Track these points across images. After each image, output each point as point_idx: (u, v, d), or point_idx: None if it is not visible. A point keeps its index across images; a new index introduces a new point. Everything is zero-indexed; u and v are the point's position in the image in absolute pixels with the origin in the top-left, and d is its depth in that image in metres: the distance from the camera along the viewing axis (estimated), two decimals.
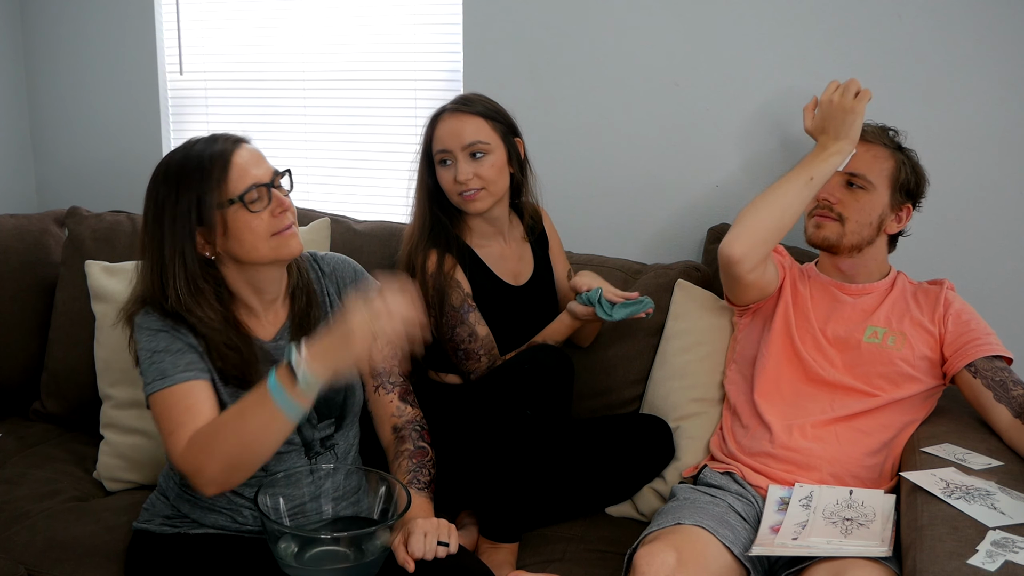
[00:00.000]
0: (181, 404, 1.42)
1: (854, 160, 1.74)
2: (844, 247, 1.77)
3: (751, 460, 1.73)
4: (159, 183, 1.46)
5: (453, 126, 1.85)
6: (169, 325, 1.45)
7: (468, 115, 1.85)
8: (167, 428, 1.42)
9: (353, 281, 1.64)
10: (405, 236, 1.94)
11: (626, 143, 2.25)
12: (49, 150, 2.81)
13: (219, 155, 1.45)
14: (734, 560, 1.51)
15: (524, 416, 1.68)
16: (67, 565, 1.67)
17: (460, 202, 1.87)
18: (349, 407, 1.60)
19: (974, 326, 1.72)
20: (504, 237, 1.97)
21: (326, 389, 1.54)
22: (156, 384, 1.43)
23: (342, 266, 1.66)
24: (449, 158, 1.85)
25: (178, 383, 1.43)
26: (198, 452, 1.37)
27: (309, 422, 1.55)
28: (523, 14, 2.27)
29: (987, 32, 1.97)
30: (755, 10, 2.11)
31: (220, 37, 2.61)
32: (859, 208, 1.75)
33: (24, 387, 2.30)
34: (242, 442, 1.36)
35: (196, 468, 1.38)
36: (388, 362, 1.65)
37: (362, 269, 1.68)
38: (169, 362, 1.44)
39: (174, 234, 1.43)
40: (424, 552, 1.40)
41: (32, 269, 2.30)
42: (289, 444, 1.53)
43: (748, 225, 1.70)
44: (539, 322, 1.94)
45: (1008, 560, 1.24)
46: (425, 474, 1.57)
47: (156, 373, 1.44)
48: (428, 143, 1.89)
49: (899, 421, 1.71)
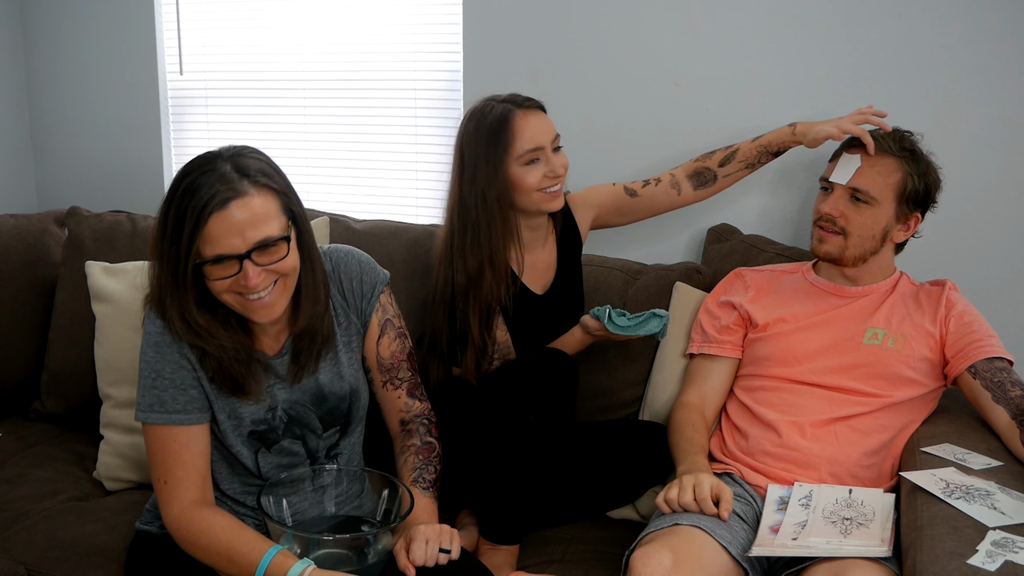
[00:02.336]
0: (175, 456, 1.41)
1: (858, 175, 1.73)
2: (847, 259, 1.77)
3: (750, 459, 1.73)
4: (168, 199, 1.35)
5: (536, 123, 1.81)
6: (169, 338, 1.41)
7: (539, 111, 1.84)
8: (159, 474, 1.43)
9: (359, 277, 1.57)
10: (445, 233, 1.85)
11: (626, 143, 2.25)
12: (49, 150, 2.81)
13: (203, 206, 1.30)
14: (731, 560, 1.50)
15: (527, 421, 1.68)
16: (67, 565, 1.67)
17: (543, 200, 1.83)
18: (354, 413, 1.57)
19: (976, 327, 1.71)
20: (543, 240, 1.94)
21: (331, 398, 1.54)
22: (152, 415, 1.42)
23: (346, 260, 1.57)
24: (540, 155, 1.81)
25: (174, 424, 1.41)
26: (183, 537, 1.41)
27: (315, 432, 1.53)
28: (523, 14, 2.27)
29: (987, 32, 1.97)
30: (755, 10, 2.11)
31: (220, 37, 2.61)
32: (862, 223, 1.74)
33: (24, 387, 2.30)
34: (219, 568, 1.40)
35: (178, 541, 1.42)
36: (396, 357, 1.61)
37: (368, 260, 1.59)
38: (170, 396, 1.41)
39: (174, 257, 1.35)
40: (425, 560, 1.39)
41: (32, 269, 2.30)
42: (293, 456, 1.52)
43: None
44: (557, 331, 1.92)
45: (1008, 560, 1.24)
46: (431, 471, 1.55)
47: (154, 401, 1.42)
48: (506, 146, 1.78)
49: (899, 422, 1.71)
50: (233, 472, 1.52)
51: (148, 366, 1.42)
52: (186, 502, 1.41)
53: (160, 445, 1.42)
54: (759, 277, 1.91)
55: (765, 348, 1.81)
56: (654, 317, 1.79)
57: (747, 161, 1.96)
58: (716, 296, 1.93)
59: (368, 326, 1.58)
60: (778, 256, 2.04)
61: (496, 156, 1.78)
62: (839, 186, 1.75)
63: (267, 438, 1.49)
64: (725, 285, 1.94)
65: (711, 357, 1.88)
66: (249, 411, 1.46)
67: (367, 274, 1.57)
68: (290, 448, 1.51)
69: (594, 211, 2.02)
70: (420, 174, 2.51)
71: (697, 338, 1.91)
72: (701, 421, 1.80)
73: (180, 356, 1.41)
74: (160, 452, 1.42)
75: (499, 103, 1.81)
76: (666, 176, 2.00)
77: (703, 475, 1.59)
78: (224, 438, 1.47)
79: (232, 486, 1.53)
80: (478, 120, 1.81)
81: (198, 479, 1.43)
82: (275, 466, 1.51)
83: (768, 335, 1.81)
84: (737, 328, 1.87)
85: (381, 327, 1.58)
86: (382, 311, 1.58)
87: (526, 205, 1.83)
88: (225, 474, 1.52)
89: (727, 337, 1.87)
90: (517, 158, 1.79)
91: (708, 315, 1.91)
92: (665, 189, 1.99)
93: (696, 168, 1.99)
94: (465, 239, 1.80)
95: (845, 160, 1.76)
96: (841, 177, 1.75)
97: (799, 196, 2.17)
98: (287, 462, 1.52)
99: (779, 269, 1.94)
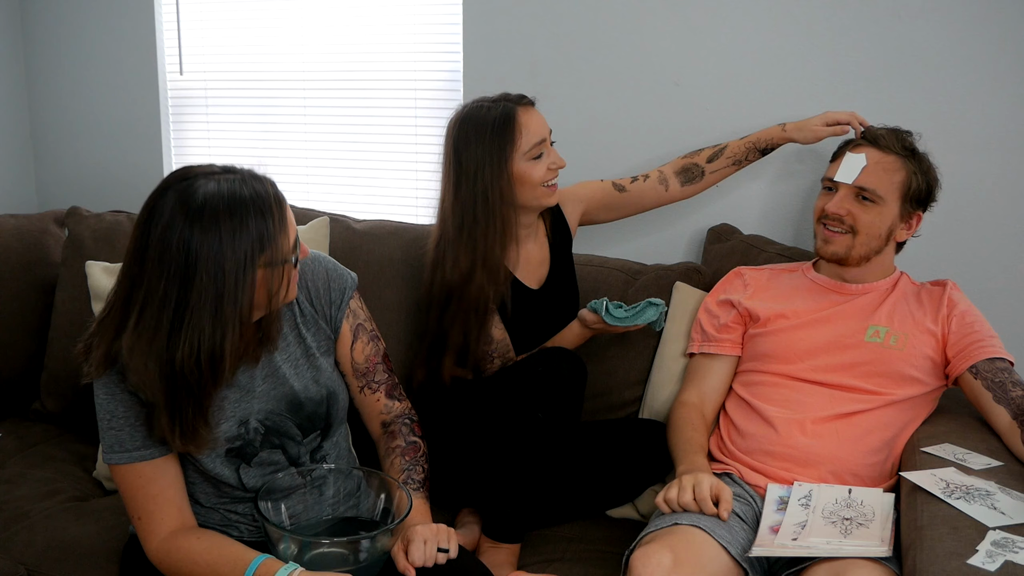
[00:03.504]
0: (144, 491, 1.40)
1: (865, 174, 1.73)
2: (853, 259, 1.77)
3: (749, 459, 1.73)
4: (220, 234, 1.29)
5: (536, 117, 1.85)
6: (116, 377, 1.35)
7: (534, 107, 1.87)
8: (133, 511, 1.42)
9: (326, 284, 1.53)
10: (436, 237, 1.87)
11: (626, 143, 2.25)
12: (49, 150, 2.81)
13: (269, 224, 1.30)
14: (731, 560, 1.50)
15: (535, 419, 1.68)
16: (67, 565, 1.67)
17: (543, 194, 1.86)
18: (334, 415, 1.54)
19: (977, 327, 1.71)
20: (535, 236, 1.96)
21: (307, 404, 1.50)
22: (114, 456, 1.40)
23: (312, 267, 1.53)
24: (544, 149, 1.85)
25: (136, 461, 1.39)
26: (166, 569, 1.40)
27: (294, 440, 1.49)
28: (523, 14, 2.27)
29: (987, 31, 1.97)
30: (755, 9, 2.11)
31: (220, 37, 2.61)
32: (869, 222, 1.75)
33: (24, 387, 2.30)
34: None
35: (163, 572, 1.41)
36: (371, 361, 1.59)
37: (334, 265, 1.55)
38: (127, 434, 1.38)
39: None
40: (425, 560, 1.38)
41: (32, 269, 2.30)
42: (275, 466, 1.48)
43: None
44: (555, 325, 1.93)
45: (1008, 560, 1.24)
46: (419, 472, 1.54)
47: (113, 442, 1.39)
48: (513, 142, 1.80)
49: (900, 420, 1.71)
50: (219, 491, 1.50)
51: (102, 409, 1.39)
52: (163, 534, 1.40)
53: (127, 483, 1.41)
54: (758, 275, 1.92)
55: (765, 344, 1.81)
56: (651, 306, 1.81)
57: (735, 158, 1.99)
58: (715, 295, 1.93)
59: (339, 332, 1.55)
60: (778, 256, 2.04)
61: (503, 153, 1.80)
62: (845, 185, 1.75)
63: (245, 453, 1.46)
64: (724, 284, 1.94)
65: (710, 356, 1.88)
66: (220, 431, 1.42)
67: (334, 280, 1.54)
68: (270, 459, 1.48)
69: (583, 206, 2.05)
70: (420, 174, 2.51)
71: (697, 337, 1.91)
72: (700, 420, 1.80)
73: (129, 395, 1.37)
74: (129, 489, 1.41)
75: (494, 103, 1.83)
76: (654, 172, 2.03)
77: (702, 475, 1.59)
78: (201, 464, 1.44)
79: (221, 500, 1.51)
80: (476, 122, 1.81)
81: (172, 509, 1.41)
82: (259, 477, 1.48)
83: (769, 331, 1.81)
84: (736, 326, 1.87)
85: (353, 332, 1.56)
86: (352, 316, 1.56)
87: (527, 200, 1.85)
88: (211, 492, 1.50)
89: (726, 336, 1.87)
90: (524, 153, 1.81)
91: (707, 314, 1.91)
92: (653, 185, 2.02)
93: (684, 164, 2.02)
94: (460, 239, 1.81)
95: (850, 159, 1.76)
96: (847, 176, 1.75)
97: (800, 196, 2.17)
98: (271, 471, 1.49)
99: (779, 268, 1.94)
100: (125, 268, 1.29)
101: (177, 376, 1.27)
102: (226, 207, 1.25)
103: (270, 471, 1.48)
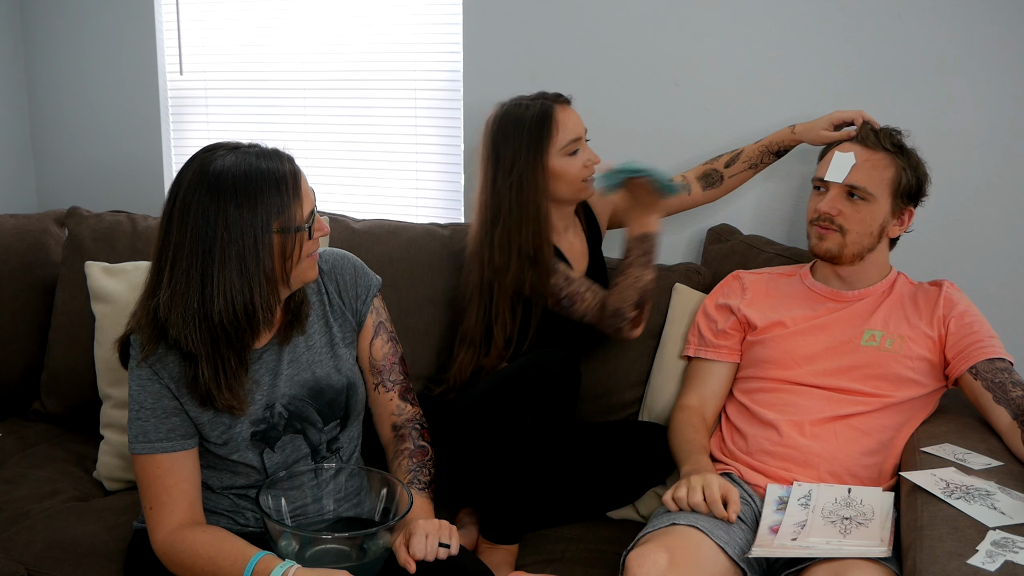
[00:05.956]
0: (160, 482, 1.44)
1: (854, 172, 1.73)
2: (846, 257, 1.77)
3: (749, 459, 1.73)
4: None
5: (573, 115, 1.89)
6: (149, 371, 1.43)
7: (570, 106, 1.91)
8: (146, 501, 1.46)
9: (353, 279, 1.62)
10: (475, 231, 1.92)
11: (626, 143, 2.24)
12: (49, 150, 2.81)
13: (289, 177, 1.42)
14: (729, 561, 1.50)
15: (524, 426, 1.68)
16: (67, 565, 1.67)
17: (582, 188, 1.91)
18: (352, 405, 1.59)
19: (976, 328, 1.71)
20: (574, 229, 2.01)
21: (328, 391, 1.55)
22: (138, 446, 1.45)
23: (341, 263, 1.63)
24: (580, 145, 1.89)
25: (157, 452, 1.44)
26: (169, 560, 1.43)
27: (315, 426, 1.54)
28: (523, 14, 2.27)
29: (986, 32, 1.97)
30: (755, 9, 2.11)
31: (220, 37, 2.61)
32: (860, 219, 1.74)
33: (24, 387, 2.30)
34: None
35: (166, 565, 1.44)
36: (389, 359, 1.64)
37: (361, 264, 1.66)
38: (152, 426, 1.44)
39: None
40: (425, 554, 1.40)
41: (32, 269, 2.30)
42: (297, 451, 1.54)
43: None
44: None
45: (1008, 560, 1.24)
46: (425, 474, 1.57)
47: (139, 432, 1.45)
48: (550, 138, 1.85)
49: (899, 421, 1.71)
50: (235, 480, 1.54)
51: (132, 399, 1.46)
52: (171, 526, 1.43)
53: (145, 473, 1.45)
54: (756, 280, 1.91)
55: (763, 351, 1.81)
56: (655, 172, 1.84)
57: (750, 161, 2.02)
58: (714, 299, 1.93)
59: (363, 326, 1.62)
60: (778, 256, 2.04)
61: (540, 148, 1.85)
62: (835, 184, 1.75)
63: (269, 436, 1.50)
64: (723, 288, 1.94)
65: (708, 361, 1.88)
66: (247, 414, 1.48)
67: (361, 277, 1.63)
68: (293, 443, 1.53)
69: (611, 207, 2.09)
70: (420, 174, 2.51)
71: (693, 340, 1.91)
72: (701, 423, 1.81)
73: (161, 386, 1.44)
74: (146, 479, 1.46)
75: (532, 101, 1.89)
76: (678, 177, 2.05)
77: (710, 476, 1.59)
78: (226, 450, 1.48)
79: (235, 488, 1.54)
80: (515, 119, 1.87)
81: (184, 502, 1.45)
82: (281, 464, 1.53)
83: (766, 338, 1.81)
84: (734, 332, 1.87)
85: (375, 329, 1.63)
86: (375, 314, 1.64)
87: (565, 194, 1.90)
88: (226, 479, 1.54)
89: (724, 342, 1.87)
90: (561, 149, 1.86)
91: (705, 318, 1.91)
92: None
93: (705, 170, 2.07)
94: (496, 229, 1.85)
95: (839, 158, 1.76)
96: (837, 175, 1.75)
97: (796, 196, 2.17)
98: (292, 458, 1.53)
99: (777, 272, 1.94)
100: (158, 232, 1.40)
101: (217, 328, 1.38)
102: (243, 174, 1.36)
103: (292, 457, 1.53)
